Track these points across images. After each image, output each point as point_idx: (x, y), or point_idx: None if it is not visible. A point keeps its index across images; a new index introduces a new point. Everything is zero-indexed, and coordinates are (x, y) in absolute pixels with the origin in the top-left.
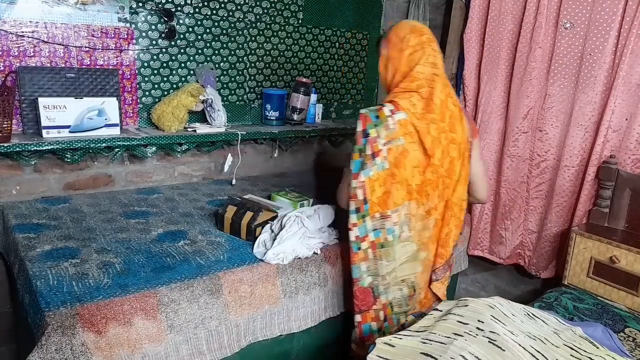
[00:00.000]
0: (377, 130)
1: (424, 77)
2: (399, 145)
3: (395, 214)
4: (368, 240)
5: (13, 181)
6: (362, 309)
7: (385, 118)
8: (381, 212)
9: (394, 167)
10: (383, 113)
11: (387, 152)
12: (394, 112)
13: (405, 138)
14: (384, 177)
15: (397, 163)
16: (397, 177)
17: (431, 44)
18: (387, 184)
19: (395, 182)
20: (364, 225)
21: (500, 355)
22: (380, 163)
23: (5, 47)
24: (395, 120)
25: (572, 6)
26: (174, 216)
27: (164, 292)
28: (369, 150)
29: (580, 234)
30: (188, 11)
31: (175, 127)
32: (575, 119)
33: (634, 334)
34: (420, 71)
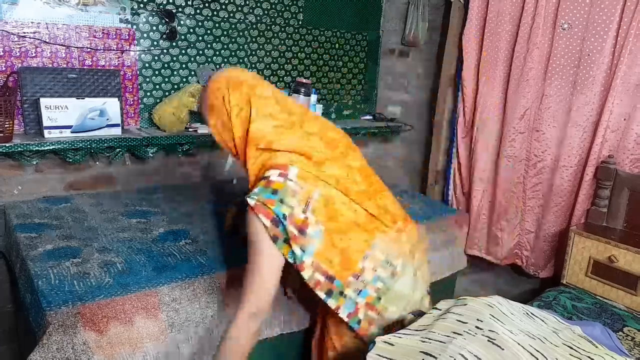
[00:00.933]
0: (285, 204)
1: (270, 132)
2: (316, 199)
3: (367, 260)
4: (361, 306)
5: (15, 181)
6: None
7: (283, 186)
8: (352, 273)
9: (329, 222)
10: (275, 182)
11: (313, 215)
12: (283, 173)
13: (317, 188)
14: (329, 240)
15: (330, 216)
16: (342, 228)
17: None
18: (338, 243)
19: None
20: (349, 299)
21: (499, 354)
22: (315, 232)
23: (7, 47)
24: (294, 181)
25: (570, 7)
26: (175, 216)
27: (165, 291)
28: (295, 231)
29: (579, 234)
30: (189, 12)
31: (177, 128)
32: (574, 119)
33: (632, 333)
34: (259, 128)
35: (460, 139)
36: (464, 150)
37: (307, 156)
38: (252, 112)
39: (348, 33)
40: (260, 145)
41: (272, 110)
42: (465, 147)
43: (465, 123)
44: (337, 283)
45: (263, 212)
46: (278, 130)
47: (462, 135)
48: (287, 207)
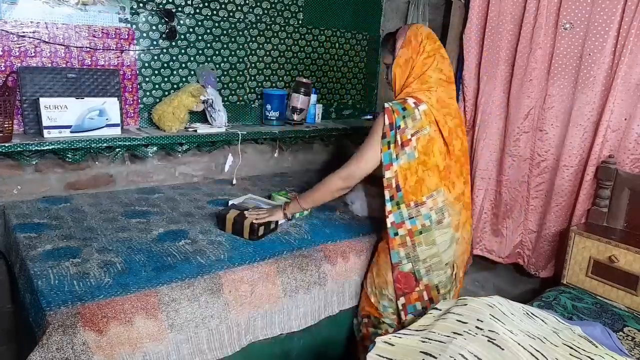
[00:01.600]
0: (405, 122)
1: (433, 81)
2: (425, 134)
3: (430, 199)
4: (405, 227)
5: (14, 181)
6: (405, 292)
7: (412, 110)
8: (415, 200)
9: (423, 155)
10: (409, 105)
11: (416, 142)
12: (417, 104)
13: (430, 127)
14: (415, 165)
15: (426, 151)
16: (428, 164)
17: (441, 51)
18: (419, 172)
19: (427, 169)
20: (399, 212)
21: (499, 354)
22: (410, 152)
23: (7, 47)
24: (420, 111)
25: (572, 7)
26: (174, 216)
27: (165, 291)
28: (399, 140)
29: (579, 234)
30: (188, 12)
31: (176, 127)
32: (575, 119)
33: (632, 333)
34: (430, 75)
35: None
36: None
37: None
38: (434, 62)
39: (348, 32)
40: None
41: (444, 68)
42: None
43: (466, 122)
44: (400, 195)
45: (389, 114)
46: (439, 82)
47: None
48: (403, 123)
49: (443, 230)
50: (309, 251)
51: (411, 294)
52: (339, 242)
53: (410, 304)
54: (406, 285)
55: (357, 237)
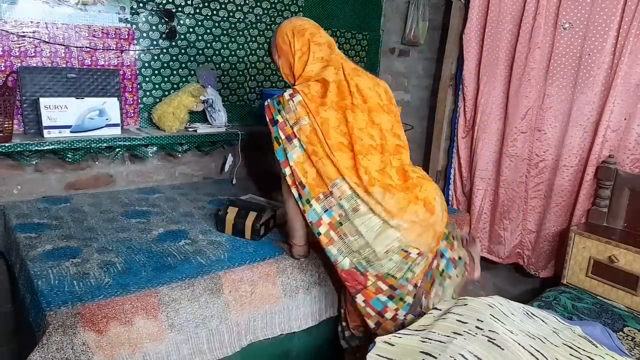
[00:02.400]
0: (281, 115)
1: (314, 74)
2: (305, 124)
3: (336, 188)
4: (324, 222)
5: (14, 181)
6: (357, 289)
7: (286, 102)
8: (323, 192)
9: (310, 145)
10: (284, 98)
11: (299, 133)
12: (292, 95)
13: (308, 117)
14: (305, 160)
15: (310, 141)
16: (319, 153)
17: (314, 39)
18: (316, 163)
19: (319, 158)
20: (312, 209)
21: (499, 354)
22: (299, 145)
23: (7, 47)
24: (295, 103)
25: (571, 6)
26: (174, 216)
27: (165, 292)
28: (282, 135)
29: (579, 234)
30: (188, 12)
31: (176, 127)
32: (574, 119)
33: (632, 333)
34: (312, 69)
35: (461, 138)
36: (465, 150)
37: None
38: (310, 55)
39: (348, 32)
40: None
41: (323, 53)
42: (465, 146)
43: (465, 123)
44: (306, 191)
45: (268, 111)
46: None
47: (462, 135)
48: (280, 117)
49: (363, 218)
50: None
51: (366, 289)
52: None
53: (371, 299)
54: (355, 282)
55: None
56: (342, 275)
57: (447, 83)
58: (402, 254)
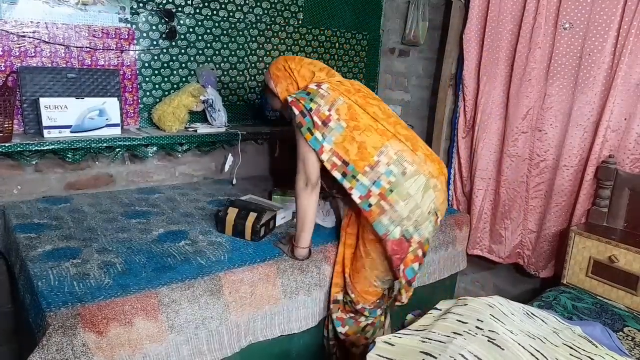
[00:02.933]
0: (314, 101)
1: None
2: (341, 103)
3: (382, 155)
4: (374, 194)
5: (14, 181)
6: (402, 258)
7: (316, 90)
8: (368, 164)
9: (352, 121)
10: (312, 88)
11: (337, 114)
12: (318, 85)
13: (342, 97)
14: (349, 134)
15: (352, 117)
16: (361, 126)
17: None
18: (357, 137)
19: (362, 131)
20: (360, 184)
21: (499, 354)
22: (336, 126)
23: (7, 47)
24: (324, 89)
25: (572, 6)
26: (174, 216)
27: (165, 293)
28: (319, 121)
29: (579, 234)
30: (188, 12)
31: (176, 127)
32: (574, 119)
33: (632, 333)
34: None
35: (461, 138)
36: (465, 150)
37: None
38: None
39: (348, 32)
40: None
41: (314, 68)
42: (465, 146)
43: (465, 122)
44: (351, 167)
45: (296, 105)
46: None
47: (462, 135)
48: (314, 103)
49: (412, 179)
50: None
51: (407, 256)
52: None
53: (408, 267)
54: (401, 251)
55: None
56: (392, 247)
57: (447, 83)
58: (434, 217)
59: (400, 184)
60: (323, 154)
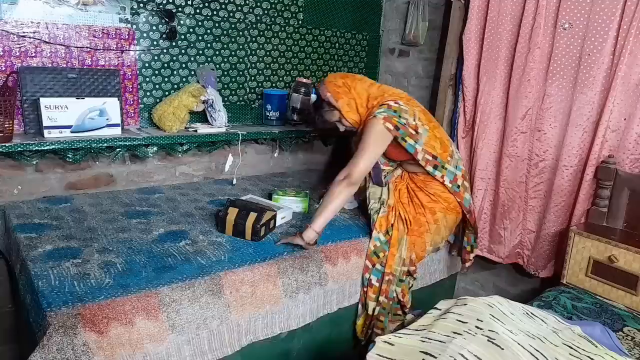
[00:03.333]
0: (403, 117)
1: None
2: (417, 111)
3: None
4: (459, 177)
5: (15, 181)
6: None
7: (398, 107)
8: (449, 154)
9: (430, 123)
10: (393, 105)
11: (419, 121)
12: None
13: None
14: (432, 135)
15: (428, 120)
16: (436, 126)
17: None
18: (437, 135)
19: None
20: (448, 171)
21: (499, 354)
22: (424, 130)
23: (7, 47)
24: (400, 105)
25: (571, 7)
26: (175, 216)
27: (166, 292)
28: (410, 131)
29: (579, 234)
30: (189, 12)
31: (176, 127)
32: (574, 119)
33: (632, 333)
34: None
35: (461, 138)
36: (465, 150)
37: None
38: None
39: (348, 33)
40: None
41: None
42: (465, 146)
43: (465, 123)
44: (439, 160)
45: (389, 121)
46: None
47: (462, 135)
48: (402, 119)
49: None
50: (310, 252)
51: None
52: (340, 243)
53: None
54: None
55: (357, 238)
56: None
57: (447, 83)
58: None
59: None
60: (418, 154)
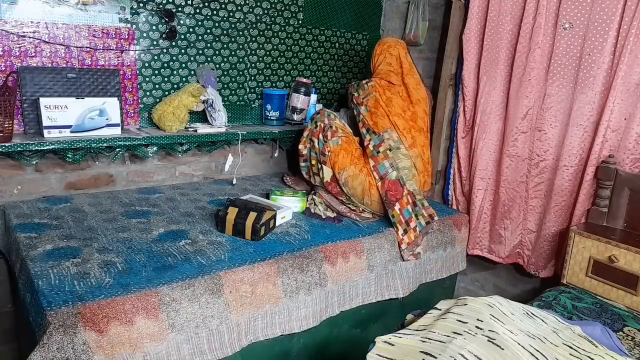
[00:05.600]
0: (357, 92)
1: (383, 73)
2: (370, 97)
3: (386, 133)
4: (383, 146)
5: (14, 181)
6: (397, 198)
7: (363, 84)
8: (379, 132)
9: (373, 108)
10: (361, 83)
11: (366, 102)
12: (367, 81)
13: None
14: (370, 114)
15: (375, 106)
16: (378, 114)
17: (389, 50)
18: (374, 117)
19: (378, 116)
20: (376, 137)
21: (499, 354)
22: (364, 109)
23: (7, 47)
24: (368, 85)
25: (571, 6)
26: (175, 216)
27: (165, 292)
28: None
29: (579, 234)
30: (189, 12)
31: (176, 127)
32: (574, 118)
33: (632, 333)
34: (380, 69)
35: (460, 138)
36: (464, 150)
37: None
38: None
39: (348, 32)
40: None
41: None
42: (465, 146)
43: (465, 122)
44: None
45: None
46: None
47: (462, 135)
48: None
49: (402, 155)
50: (309, 252)
51: (402, 199)
52: (339, 243)
53: (404, 208)
54: (396, 191)
55: (357, 238)
56: (388, 185)
57: (447, 83)
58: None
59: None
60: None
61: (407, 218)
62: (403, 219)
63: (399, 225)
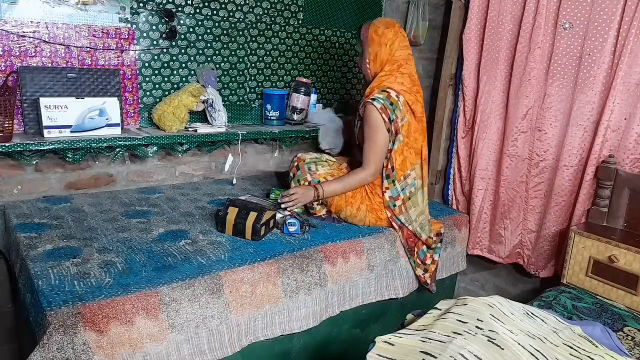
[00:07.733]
0: (396, 114)
1: (401, 58)
2: (406, 122)
3: (413, 171)
4: (400, 198)
5: (14, 181)
6: (413, 246)
7: (397, 102)
8: (404, 174)
9: (406, 138)
10: (394, 98)
11: (401, 128)
12: (398, 96)
13: (408, 115)
14: (402, 147)
15: (408, 134)
16: (409, 144)
17: (401, 31)
18: (404, 152)
19: (409, 148)
20: (394, 188)
21: (499, 354)
22: (399, 137)
23: (7, 47)
24: (401, 102)
25: (572, 6)
26: (175, 216)
27: (165, 292)
28: (393, 130)
29: (579, 233)
30: (189, 12)
31: (176, 127)
32: (574, 118)
33: (632, 333)
34: (399, 55)
35: (460, 138)
36: (464, 150)
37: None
38: (398, 44)
39: (348, 32)
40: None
41: (407, 44)
42: (465, 146)
43: (465, 122)
44: (394, 173)
45: (384, 112)
46: (407, 57)
47: (462, 135)
48: (394, 115)
49: (419, 191)
50: (309, 252)
51: (416, 245)
52: (339, 243)
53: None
54: (413, 242)
55: (357, 238)
56: (407, 234)
57: (447, 83)
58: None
59: (415, 195)
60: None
61: (422, 258)
62: (420, 260)
63: (417, 268)
